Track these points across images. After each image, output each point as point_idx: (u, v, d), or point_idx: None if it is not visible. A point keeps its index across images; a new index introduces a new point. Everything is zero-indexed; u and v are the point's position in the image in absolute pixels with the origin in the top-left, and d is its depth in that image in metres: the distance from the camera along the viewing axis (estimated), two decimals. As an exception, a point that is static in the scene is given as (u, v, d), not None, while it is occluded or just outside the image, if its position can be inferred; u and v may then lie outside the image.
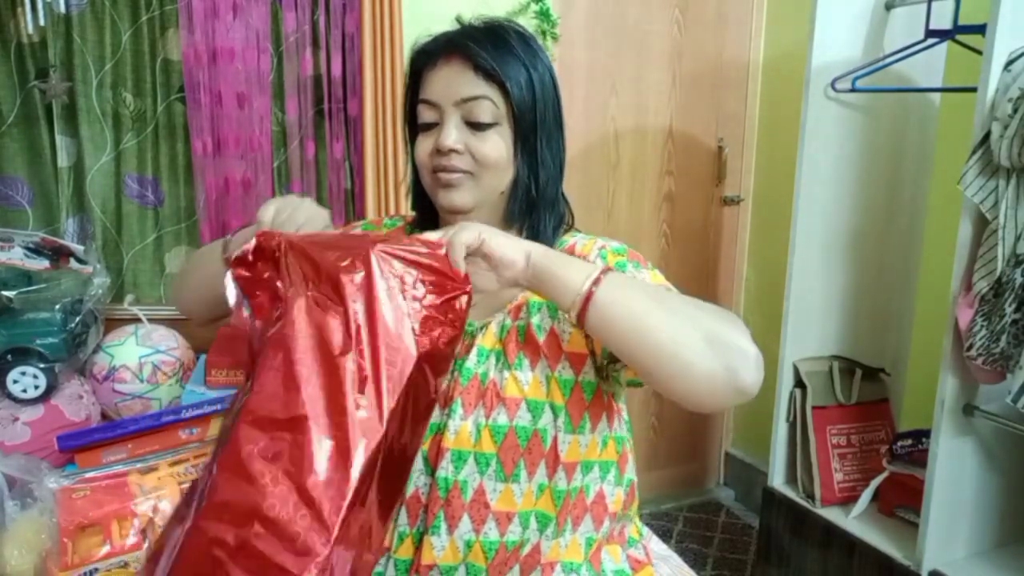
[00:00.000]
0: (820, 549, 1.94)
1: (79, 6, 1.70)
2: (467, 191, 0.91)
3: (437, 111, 0.90)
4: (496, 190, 0.92)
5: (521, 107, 0.89)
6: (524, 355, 0.89)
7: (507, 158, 0.91)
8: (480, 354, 0.90)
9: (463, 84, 0.88)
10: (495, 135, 0.90)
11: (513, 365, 0.88)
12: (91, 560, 0.98)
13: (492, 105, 0.89)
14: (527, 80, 0.90)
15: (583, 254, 0.92)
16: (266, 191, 1.92)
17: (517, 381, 0.88)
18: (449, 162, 0.89)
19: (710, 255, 2.68)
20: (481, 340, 0.91)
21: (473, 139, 0.89)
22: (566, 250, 0.94)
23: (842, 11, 1.90)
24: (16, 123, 1.73)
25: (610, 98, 2.40)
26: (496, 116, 0.89)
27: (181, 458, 1.16)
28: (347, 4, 1.86)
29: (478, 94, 0.88)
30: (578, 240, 0.96)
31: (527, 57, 0.90)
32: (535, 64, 0.91)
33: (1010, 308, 1.45)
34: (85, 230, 1.82)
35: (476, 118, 0.89)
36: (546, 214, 0.95)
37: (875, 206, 2.04)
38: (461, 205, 0.91)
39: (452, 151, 0.89)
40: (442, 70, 0.90)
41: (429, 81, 0.91)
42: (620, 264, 0.90)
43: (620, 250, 0.93)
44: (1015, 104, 1.40)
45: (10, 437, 1.35)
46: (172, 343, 1.61)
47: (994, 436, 1.68)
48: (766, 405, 2.15)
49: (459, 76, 0.89)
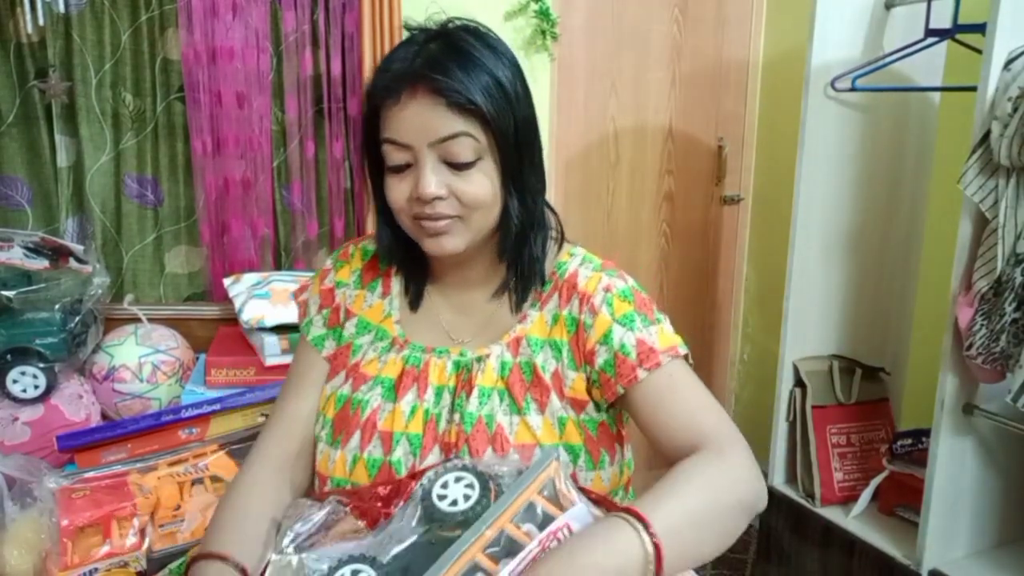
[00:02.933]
0: (820, 548, 1.94)
1: (78, 6, 1.70)
2: (457, 235, 0.82)
3: (409, 152, 0.80)
4: (487, 227, 0.84)
5: (504, 135, 0.80)
6: (532, 398, 0.84)
7: (494, 194, 0.82)
8: (482, 394, 0.84)
9: (437, 122, 0.78)
10: (479, 173, 0.80)
11: (523, 410, 0.83)
12: (91, 560, 0.98)
13: (472, 141, 0.79)
14: (503, 99, 0.80)
15: (586, 292, 0.86)
16: (266, 191, 1.92)
17: (529, 427, 0.83)
18: (434, 210, 0.80)
19: (710, 254, 2.67)
20: (481, 378, 0.85)
21: (456, 180, 0.80)
22: (567, 280, 0.87)
23: (842, 11, 1.89)
24: (16, 123, 1.73)
25: (610, 98, 2.40)
26: (478, 151, 0.80)
27: (181, 458, 1.16)
28: (347, 4, 1.86)
29: (456, 131, 0.78)
30: (580, 269, 0.88)
31: (496, 67, 0.80)
32: (505, 72, 0.81)
33: (1010, 307, 1.45)
34: (85, 230, 1.82)
35: (456, 158, 0.79)
36: (536, 237, 0.88)
37: (875, 205, 2.04)
38: (452, 250, 0.83)
39: (436, 198, 0.79)
40: (408, 107, 0.78)
41: (394, 119, 0.80)
42: (628, 317, 0.84)
43: (627, 295, 0.85)
44: (1015, 103, 1.40)
45: (10, 437, 1.35)
46: (172, 343, 1.61)
47: (994, 435, 1.68)
48: (766, 404, 2.15)
49: (430, 113, 0.78)
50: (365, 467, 0.85)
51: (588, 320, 0.84)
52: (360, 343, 0.92)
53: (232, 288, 1.70)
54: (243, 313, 1.58)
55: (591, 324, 0.84)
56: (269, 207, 1.94)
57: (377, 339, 0.91)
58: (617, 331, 0.83)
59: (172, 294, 1.92)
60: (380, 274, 0.95)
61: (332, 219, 1.98)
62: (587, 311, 0.85)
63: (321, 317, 0.96)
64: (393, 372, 0.88)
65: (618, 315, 0.84)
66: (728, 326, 2.75)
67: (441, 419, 0.85)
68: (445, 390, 0.86)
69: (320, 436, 0.90)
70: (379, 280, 0.95)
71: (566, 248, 0.92)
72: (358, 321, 0.93)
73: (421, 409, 0.85)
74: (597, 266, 0.89)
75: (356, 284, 0.96)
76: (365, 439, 0.85)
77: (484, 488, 0.71)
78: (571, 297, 0.86)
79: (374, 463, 0.85)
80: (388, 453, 0.84)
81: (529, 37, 2.16)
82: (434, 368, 0.87)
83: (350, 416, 0.87)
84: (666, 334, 0.84)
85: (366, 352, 0.91)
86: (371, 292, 0.95)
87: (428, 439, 0.84)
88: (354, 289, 0.95)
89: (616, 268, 0.90)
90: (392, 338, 0.91)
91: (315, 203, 1.96)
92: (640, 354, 0.82)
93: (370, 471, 0.85)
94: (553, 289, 0.88)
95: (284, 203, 1.96)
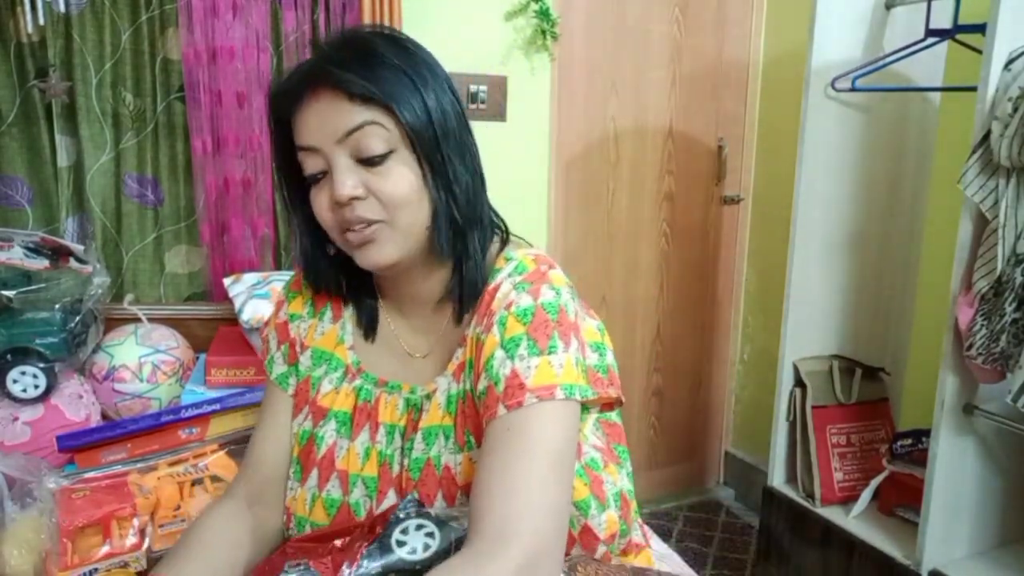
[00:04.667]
0: (820, 549, 1.94)
1: (79, 5, 1.70)
2: (387, 243, 0.77)
3: (321, 157, 0.76)
4: (417, 228, 0.78)
5: (414, 123, 0.75)
6: (470, 431, 0.79)
7: (417, 188, 0.76)
8: (428, 436, 0.80)
9: (339, 116, 0.74)
10: (395, 166, 0.75)
11: (464, 446, 0.79)
12: (91, 560, 0.98)
13: (381, 129, 0.74)
14: (411, 88, 0.75)
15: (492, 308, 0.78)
16: (266, 190, 1.92)
17: (473, 464, 0.78)
18: (354, 214, 0.75)
19: (710, 254, 2.67)
20: (426, 418, 0.81)
21: (372, 178, 0.75)
22: (489, 292, 0.80)
23: (842, 11, 1.89)
24: (16, 123, 1.73)
25: (610, 98, 2.40)
26: (389, 142, 0.75)
27: (181, 458, 1.16)
28: (347, 4, 1.86)
29: (359, 122, 0.74)
30: (504, 281, 0.80)
31: (403, 62, 0.76)
32: (416, 68, 0.77)
33: (1010, 307, 1.45)
34: (85, 230, 1.82)
35: (367, 151, 0.74)
36: (475, 236, 0.81)
37: (875, 206, 2.04)
38: (385, 261, 0.78)
39: (353, 199, 0.75)
40: (311, 107, 0.76)
41: (301, 125, 0.77)
42: (514, 340, 0.74)
43: (524, 315, 0.76)
44: (1015, 103, 1.40)
45: (10, 437, 1.35)
46: (172, 343, 1.60)
47: (994, 435, 1.68)
48: (766, 404, 2.15)
49: (332, 109, 0.74)
50: (323, 507, 0.84)
51: (484, 338, 0.78)
52: (317, 375, 0.89)
53: (232, 288, 1.70)
54: (243, 313, 1.58)
55: (485, 343, 0.77)
56: (269, 207, 1.94)
57: (331, 369, 0.89)
58: (498, 356, 0.75)
59: (172, 294, 1.91)
60: (330, 298, 0.92)
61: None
62: (484, 327, 0.78)
63: (281, 354, 0.93)
64: (347, 405, 0.86)
65: (506, 337, 0.75)
66: (728, 326, 2.75)
67: (394, 462, 0.83)
68: (396, 430, 0.84)
69: (290, 473, 0.90)
70: (328, 306, 0.92)
71: (504, 252, 0.84)
72: (312, 352, 0.91)
73: (375, 451, 0.84)
74: (521, 274, 0.80)
75: (310, 314, 0.93)
76: (323, 477, 0.85)
77: (444, 538, 0.69)
78: (485, 312, 0.80)
79: (332, 503, 0.84)
80: (347, 494, 0.84)
81: (529, 37, 2.17)
82: (385, 406, 0.85)
83: (311, 453, 0.87)
84: (548, 369, 0.73)
85: (322, 384, 0.89)
86: (321, 320, 0.92)
87: (384, 483, 0.83)
88: (308, 319, 0.92)
89: (542, 278, 0.79)
90: (345, 366, 0.88)
91: (315, 203, 1.96)
92: (507, 388, 0.73)
93: (329, 511, 0.84)
94: (482, 302, 0.81)
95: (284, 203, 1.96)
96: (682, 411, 2.74)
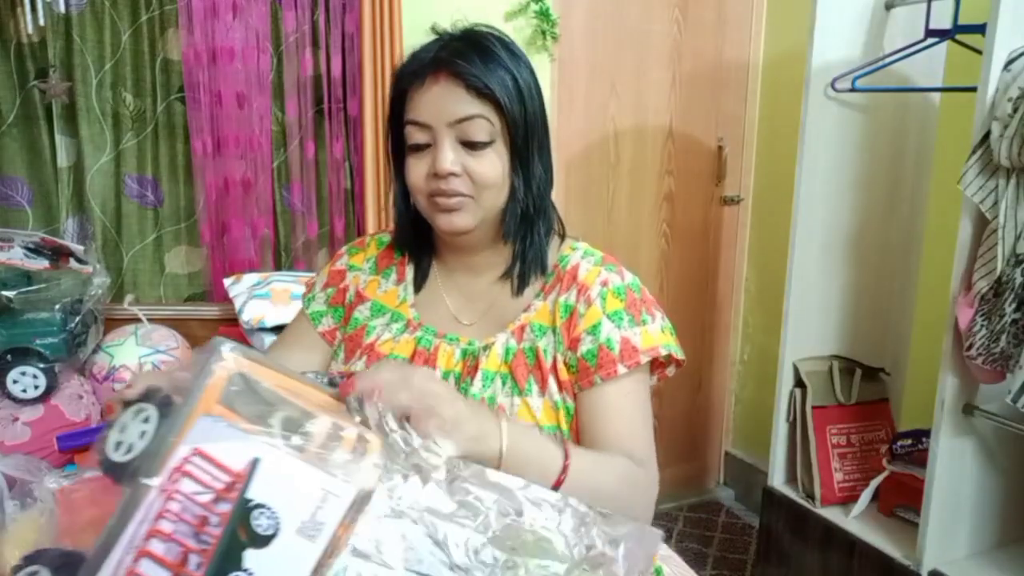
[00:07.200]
0: (820, 549, 1.94)
1: (79, 6, 1.70)
2: (468, 213, 0.89)
3: (429, 132, 0.87)
4: (495, 208, 0.90)
5: (515, 122, 0.88)
6: (535, 380, 0.90)
7: (504, 175, 0.89)
8: (486, 377, 0.90)
9: (456, 104, 0.86)
10: (491, 153, 0.88)
11: (524, 391, 0.89)
12: (91, 560, 0.97)
13: (487, 123, 0.86)
14: (516, 91, 0.88)
15: (585, 283, 0.92)
16: (266, 191, 1.92)
17: (529, 408, 0.88)
18: (448, 186, 0.87)
19: (710, 255, 2.67)
20: (485, 362, 0.90)
21: (470, 160, 0.87)
22: (569, 271, 0.94)
23: (842, 11, 1.89)
24: (16, 123, 1.73)
25: (610, 98, 2.40)
26: (491, 134, 0.87)
27: (181, 458, 1.16)
28: (347, 4, 1.86)
29: (472, 113, 0.86)
30: (582, 262, 0.94)
31: (513, 66, 0.88)
32: (520, 72, 0.89)
33: (1010, 308, 1.45)
34: (85, 230, 1.82)
35: (471, 137, 0.86)
36: (539, 224, 0.94)
37: (875, 206, 2.04)
38: (463, 227, 0.89)
39: (451, 174, 0.86)
40: (431, 89, 0.87)
41: (417, 101, 0.88)
42: (616, 314, 0.90)
43: (620, 293, 0.92)
44: (1015, 104, 1.40)
45: (10, 437, 1.35)
46: (172, 343, 1.61)
47: (994, 436, 1.68)
48: (766, 405, 2.15)
49: (450, 95, 0.86)
50: None
51: (582, 309, 0.91)
52: (374, 324, 0.98)
53: (232, 288, 1.70)
54: (243, 313, 1.58)
55: (583, 313, 0.90)
56: (269, 207, 1.94)
57: (392, 321, 0.97)
58: (606, 325, 0.89)
59: (172, 294, 1.92)
60: (395, 262, 1.02)
61: (332, 219, 1.98)
62: (583, 300, 0.91)
63: (324, 295, 1.02)
64: (406, 351, 0.94)
65: (609, 310, 0.90)
66: (728, 326, 2.75)
67: None
68: (451, 375, 0.91)
69: None
70: (393, 268, 1.01)
71: (568, 242, 0.99)
72: (372, 304, 0.99)
73: None
74: (598, 260, 0.95)
75: (371, 270, 1.02)
76: None
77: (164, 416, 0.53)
78: (570, 286, 0.92)
79: None
80: None
81: (529, 37, 2.17)
82: (443, 354, 0.93)
83: None
84: (649, 335, 0.91)
85: (381, 333, 0.96)
86: (385, 279, 1.01)
87: None
88: (369, 275, 1.02)
89: (616, 263, 0.95)
90: (407, 320, 0.97)
91: (315, 203, 1.96)
92: (623, 351, 0.89)
93: None
94: (556, 280, 0.94)
95: (284, 203, 1.96)
96: (682, 411, 2.74)
